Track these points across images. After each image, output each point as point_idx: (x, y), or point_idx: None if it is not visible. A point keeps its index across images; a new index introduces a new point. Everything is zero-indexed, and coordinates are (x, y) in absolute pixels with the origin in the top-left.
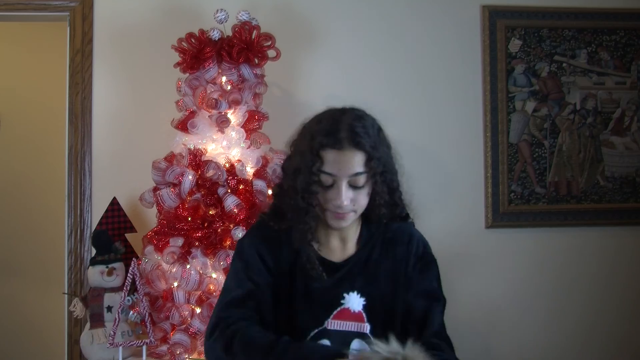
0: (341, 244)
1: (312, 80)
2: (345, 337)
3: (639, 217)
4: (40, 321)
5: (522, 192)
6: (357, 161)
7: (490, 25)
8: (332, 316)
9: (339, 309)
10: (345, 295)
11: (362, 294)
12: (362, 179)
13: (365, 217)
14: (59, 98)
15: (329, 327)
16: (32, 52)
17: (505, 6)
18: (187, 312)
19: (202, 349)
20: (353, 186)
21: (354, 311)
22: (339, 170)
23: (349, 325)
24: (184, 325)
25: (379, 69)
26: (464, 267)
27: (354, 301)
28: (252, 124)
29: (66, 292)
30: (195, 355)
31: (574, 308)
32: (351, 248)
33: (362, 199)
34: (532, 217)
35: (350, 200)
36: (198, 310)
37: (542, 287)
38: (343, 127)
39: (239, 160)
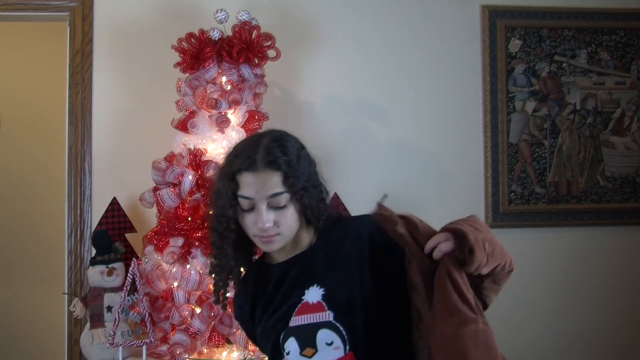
0: (291, 246)
1: (312, 80)
2: (309, 330)
3: (639, 217)
4: (40, 321)
5: (522, 192)
6: (274, 182)
7: (490, 25)
8: (294, 314)
9: (299, 305)
10: (305, 291)
11: (321, 284)
12: (282, 199)
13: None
14: (59, 98)
15: (291, 325)
16: (32, 52)
17: (505, 6)
18: (187, 312)
19: (202, 348)
20: (274, 207)
21: (312, 303)
22: (256, 192)
23: (310, 318)
24: (184, 325)
25: (378, 69)
26: None
27: (312, 293)
28: (252, 124)
29: (66, 292)
30: (195, 355)
31: (575, 308)
32: (304, 247)
33: (287, 220)
34: (532, 217)
35: (274, 222)
36: (198, 310)
37: (542, 287)
38: (259, 149)
39: None
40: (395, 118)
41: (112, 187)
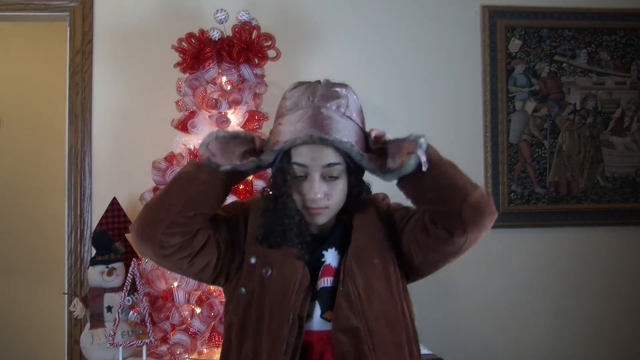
0: (324, 226)
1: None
2: (331, 293)
3: (639, 217)
4: (40, 321)
5: (522, 192)
6: (330, 152)
7: (490, 25)
8: (318, 276)
9: (322, 267)
10: (324, 252)
11: (340, 250)
12: (336, 170)
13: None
14: (59, 98)
15: (317, 288)
16: (32, 52)
17: (505, 6)
18: (187, 312)
19: (202, 348)
20: (327, 177)
21: (333, 267)
22: (312, 160)
23: (330, 281)
24: (184, 325)
25: (378, 69)
26: (464, 267)
27: (333, 256)
28: (252, 124)
29: (66, 292)
30: (195, 355)
31: (576, 308)
32: (332, 226)
33: (337, 194)
34: (532, 217)
35: (325, 194)
36: (198, 310)
37: (542, 287)
38: None
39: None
40: (395, 118)
41: (112, 187)
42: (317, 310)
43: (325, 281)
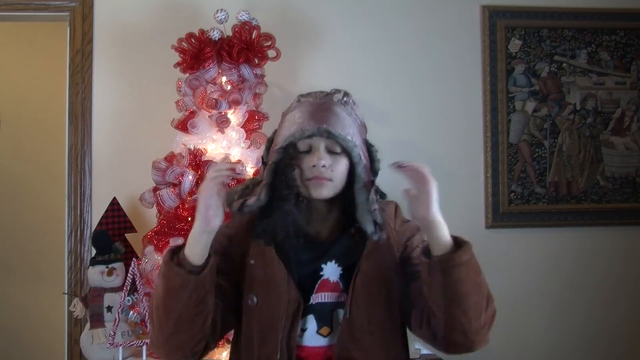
0: (324, 230)
1: (312, 80)
2: (328, 309)
3: (639, 217)
4: (40, 321)
5: (522, 192)
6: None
7: (490, 25)
8: (315, 290)
9: (319, 281)
10: (323, 266)
11: (340, 263)
12: (339, 146)
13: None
14: (59, 98)
15: (313, 302)
16: (32, 52)
17: (505, 6)
18: None
19: None
20: (330, 152)
21: (332, 281)
22: (317, 130)
23: (328, 297)
24: None
25: (378, 68)
26: None
27: (332, 270)
28: (252, 124)
29: (66, 292)
30: None
31: (574, 308)
32: (334, 234)
33: (341, 169)
34: (532, 217)
35: (329, 166)
36: None
37: (542, 287)
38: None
39: (239, 161)
40: (395, 118)
41: (112, 187)
42: (312, 325)
43: (322, 296)
